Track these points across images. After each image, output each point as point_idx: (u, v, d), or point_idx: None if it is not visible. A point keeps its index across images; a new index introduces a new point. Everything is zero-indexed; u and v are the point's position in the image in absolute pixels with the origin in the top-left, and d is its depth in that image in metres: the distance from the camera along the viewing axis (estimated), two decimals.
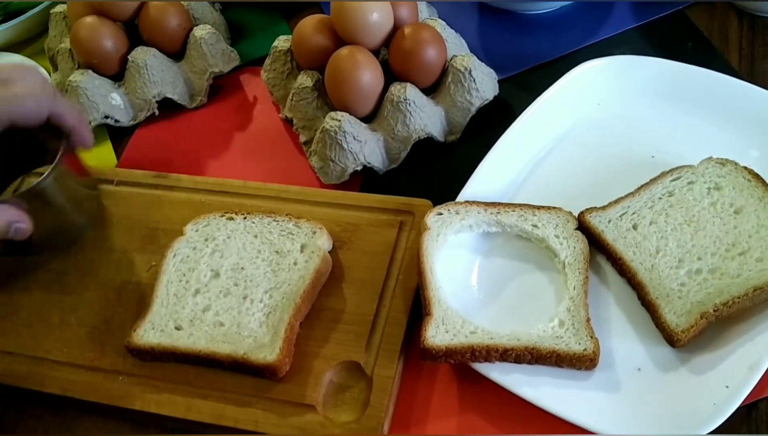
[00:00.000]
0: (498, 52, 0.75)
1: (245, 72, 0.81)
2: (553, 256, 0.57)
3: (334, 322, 0.57)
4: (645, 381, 0.51)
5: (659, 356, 0.52)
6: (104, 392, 0.57)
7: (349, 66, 0.66)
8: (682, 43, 0.72)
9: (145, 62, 0.75)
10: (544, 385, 0.51)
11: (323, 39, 0.69)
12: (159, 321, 0.58)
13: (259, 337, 0.56)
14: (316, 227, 0.61)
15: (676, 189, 0.58)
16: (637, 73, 0.67)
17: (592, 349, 0.51)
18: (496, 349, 0.51)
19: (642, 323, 0.53)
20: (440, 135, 0.68)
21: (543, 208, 0.59)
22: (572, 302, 0.54)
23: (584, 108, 0.66)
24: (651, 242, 0.55)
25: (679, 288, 0.53)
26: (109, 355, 0.59)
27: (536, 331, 0.52)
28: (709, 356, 0.51)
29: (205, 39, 0.76)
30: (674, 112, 0.65)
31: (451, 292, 0.55)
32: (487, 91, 0.68)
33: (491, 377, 0.52)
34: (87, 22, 0.76)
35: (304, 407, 0.53)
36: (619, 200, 0.58)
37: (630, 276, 0.54)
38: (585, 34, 0.75)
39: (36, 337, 0.61)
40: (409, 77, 0.67)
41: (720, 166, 0.58)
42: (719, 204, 0.56)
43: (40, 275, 0.65)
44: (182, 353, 0.56)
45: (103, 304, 0.62)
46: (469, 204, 0.59)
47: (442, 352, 0.51)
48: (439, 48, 0.68)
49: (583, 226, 0.58)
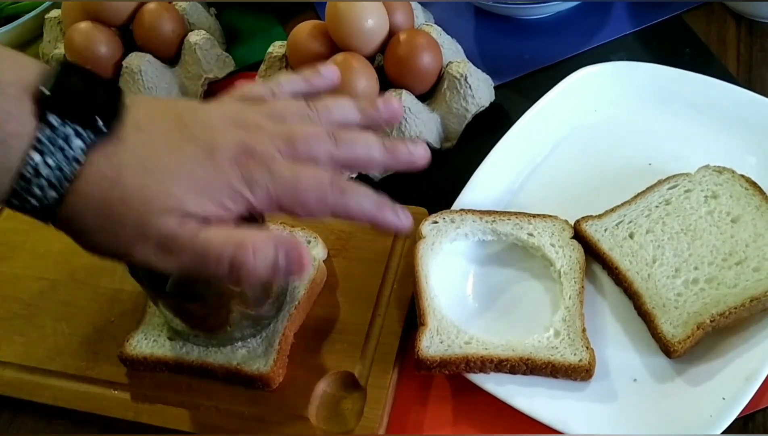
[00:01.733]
0: (494, 58, 0.75)
1: (240, 77, 0.80)
2: (548, 265, 0.57)
3: (328, 332, 0.57)
4: (641, 392, 0.51)
5: (655, 367, 0.51)
6: (97, 403, 0.56)
7: (343, 73, 0.65)
8: (680, 48, 0.72)
9: (139, 68, 0.75)
10: (539, 396, 0.51)
11: (318, 45, 0.68)
12: (152, 331, 0.58)
13: (253, 347, 0.55)
14: (311, 236, 0.60)
15: (672, 197, 0.57)
16: (634, 79, 0.66)
17: (588, 360, 0.50)
18: (491, 359, 0.51)
19: (638, 333, 0.53)
20: (436, 142, 0.68)
21: (539, 216, 0.58)
22: (568, 311, 0.53)
23: (581, 114, 0.66)
24: (647, 251, 0.55)
25: (676, 298, 0.52)
26: (102, 364, 0.58)
27: (531, 341, 0.52)
28: (706, 366, 0.51)
29: (199, 44, 0.76)
30: (671, 119, 0.64)
31: (445, 301, 0.55)
32: (483, 98, 0.68)
33: (486, 388, 0.51)
34: (81, 28, 0.75)
35: (298, 418, 0.53)
36: (616, 209, 0.58)
37: (626, 286, 0.54)
38: (582, 39, 0.75)
39: (28, 346, 0.60)
40: (404, 84, 0.67)
41: (717, 174, 0.58)
42: (716, 213, 0.56)
43: (33, 282, 0.64)
44: (175, 363, 0.56)
45: (96, 313, 0.61)
46: (464, 212, 0.59)
47: (436, 363, 0.51)
48: (434, 54, 0.67)
49: (579, 234, 0.57)
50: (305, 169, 0.45)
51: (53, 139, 0.40)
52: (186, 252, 0.42)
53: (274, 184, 0.43)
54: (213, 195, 0.43)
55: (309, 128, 0.47)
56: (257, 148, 0.44)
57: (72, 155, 0.40)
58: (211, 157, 0.43)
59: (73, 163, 0.41)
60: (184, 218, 0.42)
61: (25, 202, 0.41)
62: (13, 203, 0.41)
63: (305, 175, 0.44)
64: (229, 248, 0.42)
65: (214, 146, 0.43)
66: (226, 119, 0.45)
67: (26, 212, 0.42)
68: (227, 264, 0.42)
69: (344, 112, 0.49)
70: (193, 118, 0.45)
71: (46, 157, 0.40)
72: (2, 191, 0.41)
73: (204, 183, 0.42)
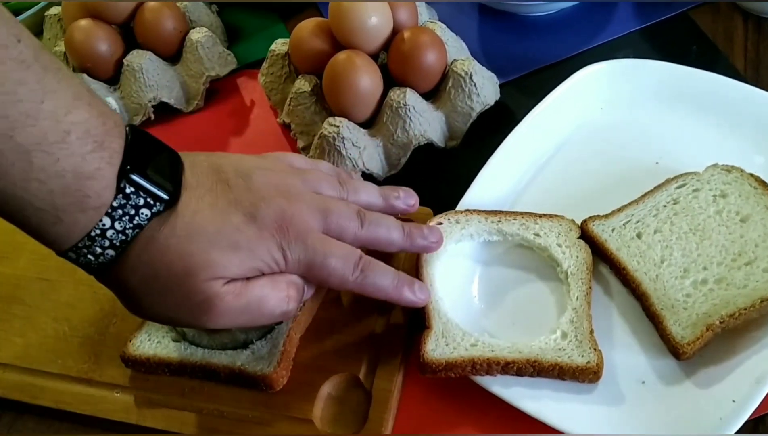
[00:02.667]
0: (499, 55, 0.74)
1: (242, 75, 0.80)
2: (555, 265, 0.56)
3: (332, 333, 0.56)
4: (649, 395, 0.50)
5: (664, 369, 0.51)
6: (99, 405, 0.56)
7: (347, 70, 0.65)
8: (686, 46, 0.71)
9: (140, 66, 0.74)
10: (545, 398, 0.50)
11: (321, 43, 0.68)
12: (156, 332, 0.57)
13: (257, 348, 0.55)
14: None
15: (681, 197, 0.57)
16: (640, 77, 0.65)
17: (595, 362, 0.50)
18: (498, 362, 0.50)
19: (646, 334, 0.52)
20: (440, 141, 0.67)
21: (545, 216, 0.58)
22: (575, 313, 0.53)
23: (587, 113, 0.65)
24: (655, 252, 0.54)
25: (685, 299, 0.51)
26: (104, 366, 0.58)
27: (538, 343, 0.51)
28: (715, 368, 0.50)
29: (201, 42, 0.75)
30: (678, 117, 0.63)
31: (451, 303, 0.54)
32: (488, 96, 0.67)
33: (492, 390, 0.51)
34: (81, 26, 0.75)
35: (302, 421, 0.52)
36: (623, 208, 0.57)
37: (634, 286, 0.53)
38: (587, 36, 0.74)
39: (29, 347, 0.60)
40: (408, 82, 0.66)
41: (726, 173, 0.57)
42: (725, 212, 0.55)
43: (33, 283, 0.64)
44: (179, 364, 0.55)
45: (98, 314, 0.61)
46: (469, 213, 0.58)
47: (442, 366, 0.50)
48: (439, 52, 0.67)
49: (586, 234, 0.57)
50: (337, 247, 0.48)
51: (125, 206, 0.42)
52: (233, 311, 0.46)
53: (306, 256, 0.47)
54: (251, 262, 0.45)
55: (342, 205, 0.50)
56: (295, 217, 0.47)
57: (137, 222, 0.42)
58: (253, 223, 0.45)
59: (136, 229, 0.42)
60: (226, 283, 0.44)
61: (81, 257, 0.43)
62: (69, 256, 0.43)
63: (336, 253, 0.48)
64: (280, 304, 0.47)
65: (257, 213, 0.45)
66: (270, 186, 0.47)
67: (78, 265, 0.43)
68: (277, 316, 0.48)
69: (369, 196, 0.54)
70: (237, 182, 0.46)
71: (115, 223, 0.41)
72: (66, 245, 0.42)
73: (245, 251, 0.45)
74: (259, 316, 0.47)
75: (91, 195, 0.41)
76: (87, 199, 0.41)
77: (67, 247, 0.42)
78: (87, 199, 0.41)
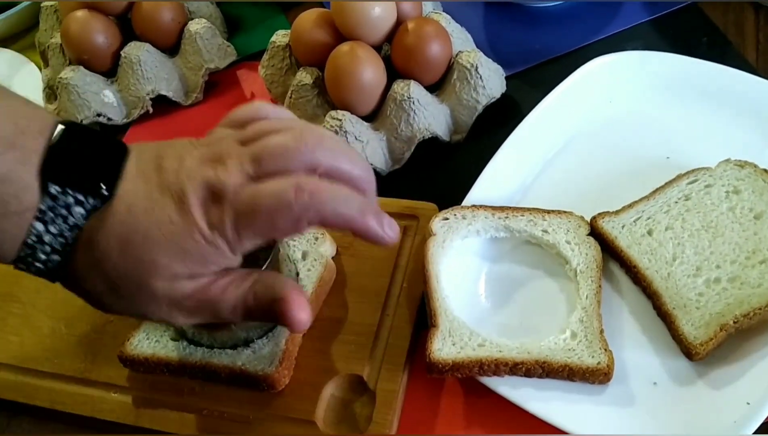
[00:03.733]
0: (505, 47, 0.73)
1: (242, 67, 0.78)
2: (564, 263, 0.55)
3: (335, 332, 0.55)
4: (661, 396, 0.49)
5: (676, 370, 0.50)
6: (96, 406, 0.55)
7: (349, 63, 0.63)
8: (697, 37, 0.70)
9: (138, 58, 0.73)
10: (555, 400, 0.49)
11: (323, 34, 0.66)
12: (155, 331, 0.56)
13: (258, 348, 0.53)
14: (318, 233, 0.58)
15: (692, 193, 0.55)
16: (649, 69, 0.64)
17: (606, 362, 0.49)
18: (506, 363, 0.49)
19: (658, 334, 0.51)
20: (445, 134, 0.66)
21: (553, 212, 0.57)
22: (585, 312, 0.51)
23: (595, 106, 0.64)
24: (667, 249, 0.53)
25: (697, 298, 0.50)
26: (101, 366, 0.56)
27: (547, 343, 0.50)
28: (729, 369, 0.49)
29: (200, 33, 0.74)
30: (689, 111, 0.62)
31: (457, 301, 0.53)
32: (494, 89, 0.66)
33: (500, 391, 0.50)
34: (78, 17, 0.73)
35: (304, 422, 0.51)
36: (633, 204, 0.56)
37: (645, 285, 0.52)
38: (595, 28, 0.73)
39: (24, 346, 0.59)
40: (412, 74, 0.65)
41: (739, 168, 0.56)
42: (738, 209, 0.54)
43: (29, 281, 0.62)
44: (178, 364, 0.54)
45: (95, 312, 0.58)
46: (476, 208, 0.57)
47: (448, 366, 0.49)
48: (443, 43, 0.65)
49: (596, 231, 0.55)
50: (264, 185, 0.40)
51: (55, 208, 0.40)
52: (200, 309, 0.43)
53: (237, 218, 0.40)
54: (192, 255, 0.41)
55: (280, 139, 0.42)
56: (223, 184, 0.40)
57: (73, 222, 0.40)
58: (181, 209, 0.40)
59: (74, 230, 0.40)
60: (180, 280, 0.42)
61: (30, 266, 0.42)
62: (19, 267, 0.42)
63: (263, 192, 0.40)
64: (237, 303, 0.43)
65: (183, 195, 0.40)
66: (200, 157, 0.42)
67: (33, 274, 0.42)
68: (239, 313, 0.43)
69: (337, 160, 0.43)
70: (169, 163, 0.42)
71: (49, 226, 0.40)
72: (8, 257, 0.41)
73: (181, 245, 0.41)
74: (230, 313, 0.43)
75: (9, 199, 0.39)
76: (6, 204, 0.39)
77: (10, 258, 0.41)
78: (6, 204, 0.39)
